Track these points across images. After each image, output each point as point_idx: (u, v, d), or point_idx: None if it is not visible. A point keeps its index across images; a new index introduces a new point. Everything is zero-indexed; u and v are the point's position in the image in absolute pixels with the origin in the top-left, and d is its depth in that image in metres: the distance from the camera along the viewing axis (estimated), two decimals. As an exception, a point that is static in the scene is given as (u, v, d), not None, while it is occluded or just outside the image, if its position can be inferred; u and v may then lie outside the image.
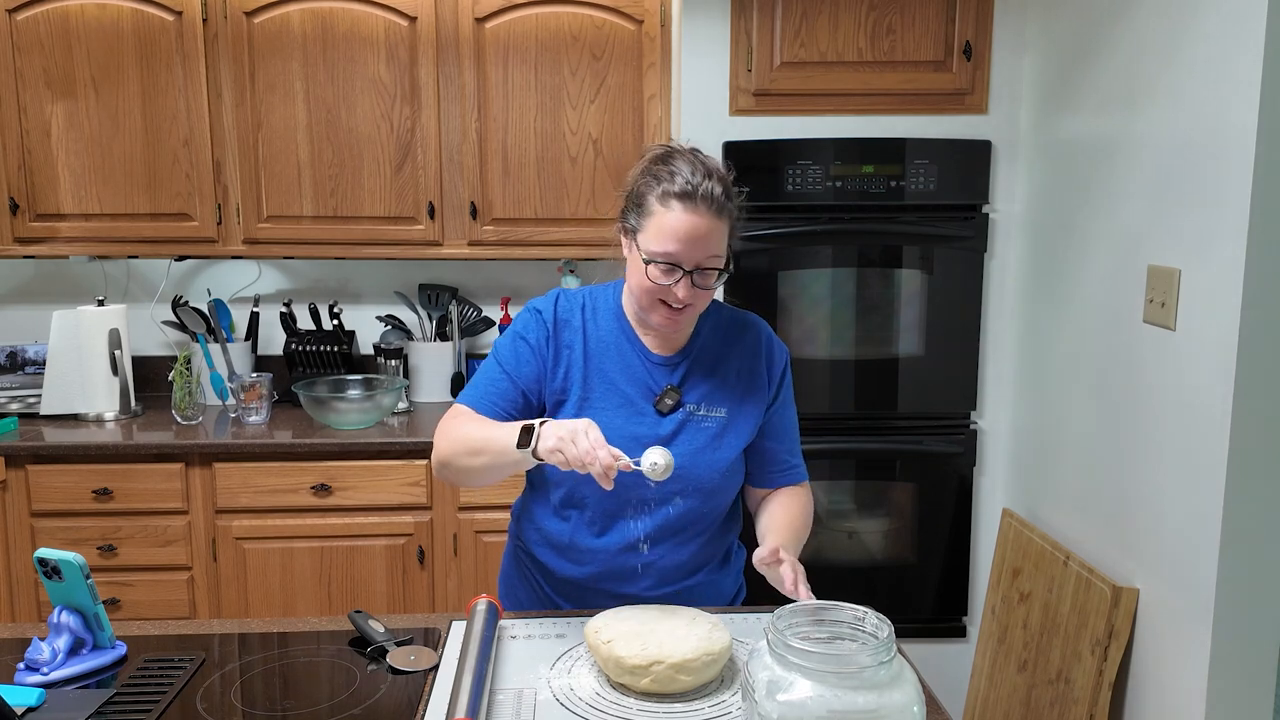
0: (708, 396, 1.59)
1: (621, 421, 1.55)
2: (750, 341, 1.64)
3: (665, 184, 1.46)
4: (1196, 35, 1.85)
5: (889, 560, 2.78)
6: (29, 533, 2.66)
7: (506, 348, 1.61)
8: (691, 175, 1.45)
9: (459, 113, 2.82)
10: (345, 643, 1.48)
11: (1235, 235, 1.73)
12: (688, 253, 1.44)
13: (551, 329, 1.59)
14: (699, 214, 1.44)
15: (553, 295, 1.64)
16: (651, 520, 1.57)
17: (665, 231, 1.44)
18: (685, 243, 1.44)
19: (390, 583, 2.73)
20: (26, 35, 2.72)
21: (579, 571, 1.60)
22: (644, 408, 1.57)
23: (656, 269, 1.46)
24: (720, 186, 1.46)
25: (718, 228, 1.46)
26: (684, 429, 1.57)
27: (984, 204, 2.62)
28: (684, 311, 1.50)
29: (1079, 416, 2.32)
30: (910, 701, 1.07)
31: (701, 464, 1.56)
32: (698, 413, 1.58)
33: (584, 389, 1.57)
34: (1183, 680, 1.91)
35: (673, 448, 1.52)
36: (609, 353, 1.59)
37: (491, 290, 3.21)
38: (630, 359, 1.59)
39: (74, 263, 3.13)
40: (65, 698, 1.31)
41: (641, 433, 1.55)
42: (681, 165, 1.47)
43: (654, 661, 1.28)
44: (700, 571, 1.63)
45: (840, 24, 2.53)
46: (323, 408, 2.80)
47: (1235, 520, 1.78)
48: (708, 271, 1.47)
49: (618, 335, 1.60)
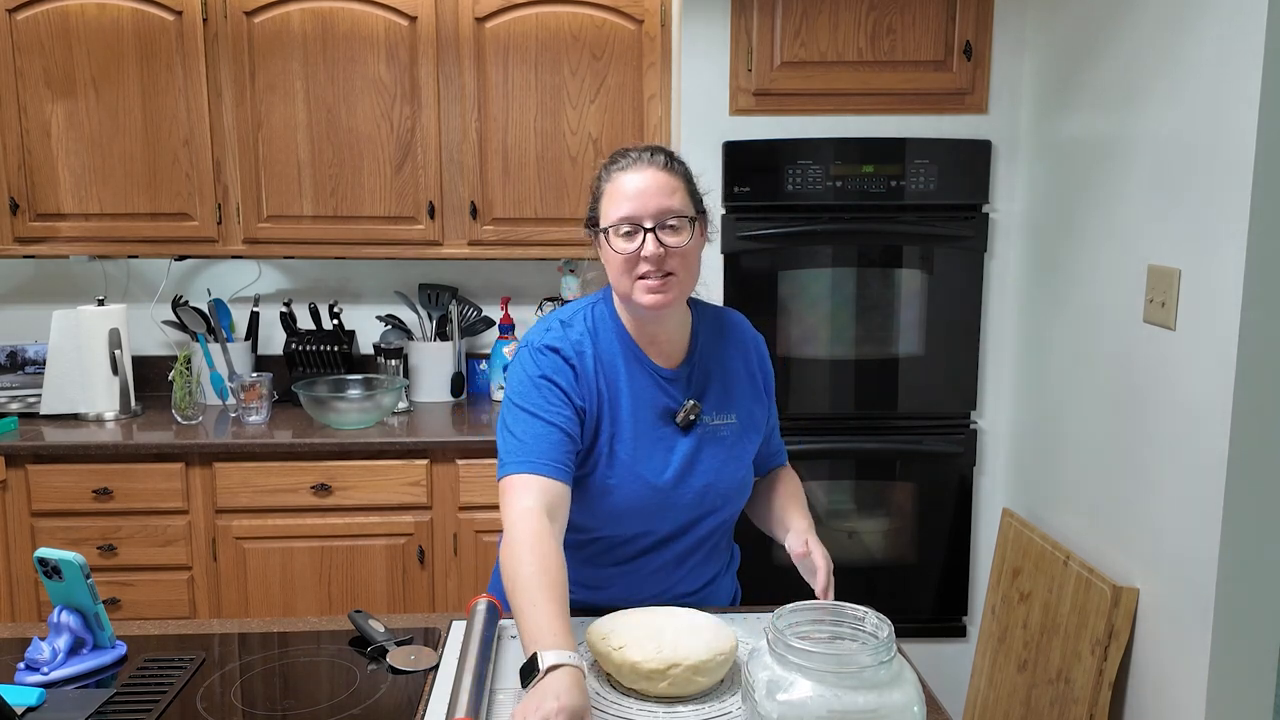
0: (717, 404, 1.56)
1: (646, 447, 1.51)
2: (738, 338, 1.63)
3: (607, 168, 1.50)
4: (1196, 35, 1.85)
5: (889, 560, 2.78)
6: (29, 532, 2.66)
7: (533, 394, 1.47)
8: (629, 152, 1.49)
9: (459, 112, 2.82)
10: (345, 642, 1.48)
11: (1235, 235, 1.73)
12: (641, 207, 1.43)
13: (576, 364, 1.50)
14: (642, 170, 1.45)
15: (555, 329, 1.54)
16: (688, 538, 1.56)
17: (615, 197, 1.46)
18: (636, 199, 1.43)
19: (390, 583, 2.73)
20: (26, 35, 2.72)
21: (597, 597, 1.57)
22: (663, 429, 1.53)
23: (619, 238, 1.44)
24: (662, 153, 1.48)
25: (667, 181, 1.45)
26: (705, 444, 1.54)
27: (984, 204, 2.62)
28: (667, 280, 1.44)
29: (1079, 416, 2.32)
30: (910, 701, 1.07)
31: (728, 477, 1.55)
32: (712, 423, 1.55)
33: (612, 424, 1.51)
34: (1183, 680, 1.91)
35: (699, 464, 1.52)
36: (620, 376, 1.53)
37: (491, 290, 3.21)
38: (640, 379, 1.53)
39: (74, 262, 3.13)
40: (65, 697, 1.31)
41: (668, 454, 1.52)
42: (626, 152, 1.50)
43: (671, 664, 1.26)
44: (714, 581, 1.65)
45: (840, 24, 2.53)
46: (323, 407, 2.80)
47: (1235, 520, 1.78)
48: (672, 226, 1.44)
49: (626, 356, 1.54)
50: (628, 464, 1.50)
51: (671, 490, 1.51)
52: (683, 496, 1.52)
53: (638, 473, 1.50)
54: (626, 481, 1.50)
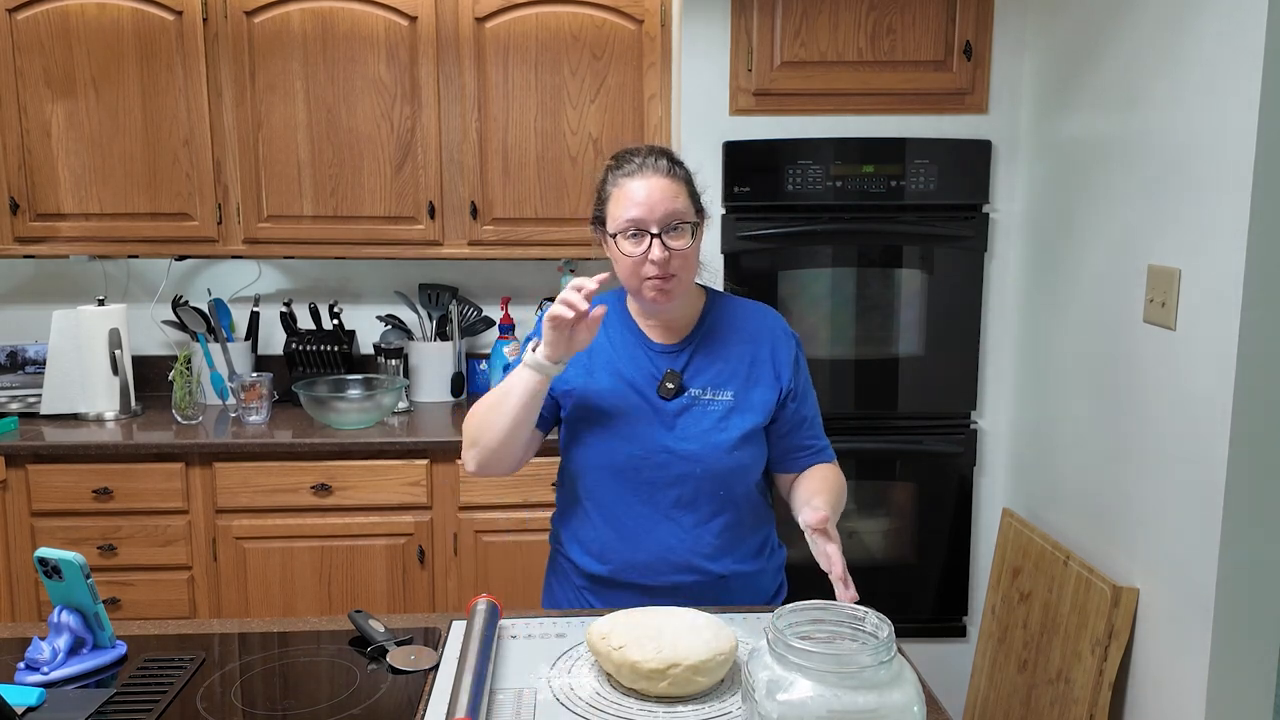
0: (713, 381, 1.64)
1: (626, 404, 1.63)
2: (755, 329, 1.69)
3: (613, 171, 1.60)
4: (1196, 35, 1.85)
5: (889, 560, 2.78)
6: (29, 532, 2.66)
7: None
8: (634, 156, 1.59)
9: (459, 112, 2.82)
10: (345, 642, 1.48)
11: (1235, 235, 1.73)
12: (648, 213, 1.54)
13: None
14: (647, 176, 1.56)
15: None
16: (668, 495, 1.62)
17: (622, 202, 1.56)
18: (642, 205, 1.54)
19: (390, 582, 2.73)
20: (26, 35, 2.72)
21: (603, 568, 1.65)
22: (648, 392, 1.64)
23: (626, 241, 1.55)
24: (665, 158, 1.59)
25: (671, 186, 1.56)
26: (689, 411, 1.63)
27: (984, 204, 2.62)
28: (671, 281, 1.56)
29: (1079, 416, 2.32)
30: (910, 701, 1.07)
31: (710, 444, 1.61)
32: (703, 396, 1.63)
33: (588, 376, 1.65)
34: (1183, 680, 1.91)
35: (679, 429, 1.62)
36: (614, 344, 1.67)
37: (491, 290, 3.21)
38: (634, 349, 1.66)
39: (74, 262, 3.13)
40: (65, 697, 1.31)
41: (646, 413, 1.62)
42: (630, 155, 1.60)
43: (671, 664, 1.26)
44: (727, 558, 1.64)
45: (840, 24, 2.53)
46: (323, 407, 2.80)
47: (1235, 520, 1.79)
48: (676, 231, 1.55)
49: (621, 330, 1.68)
50: (601, 418, 1.63)
51: (645, 442, 1.61)
52: (655, 455, 1.61)
53: (612, 427, 1.63)
54: (603, 433, 1.63)
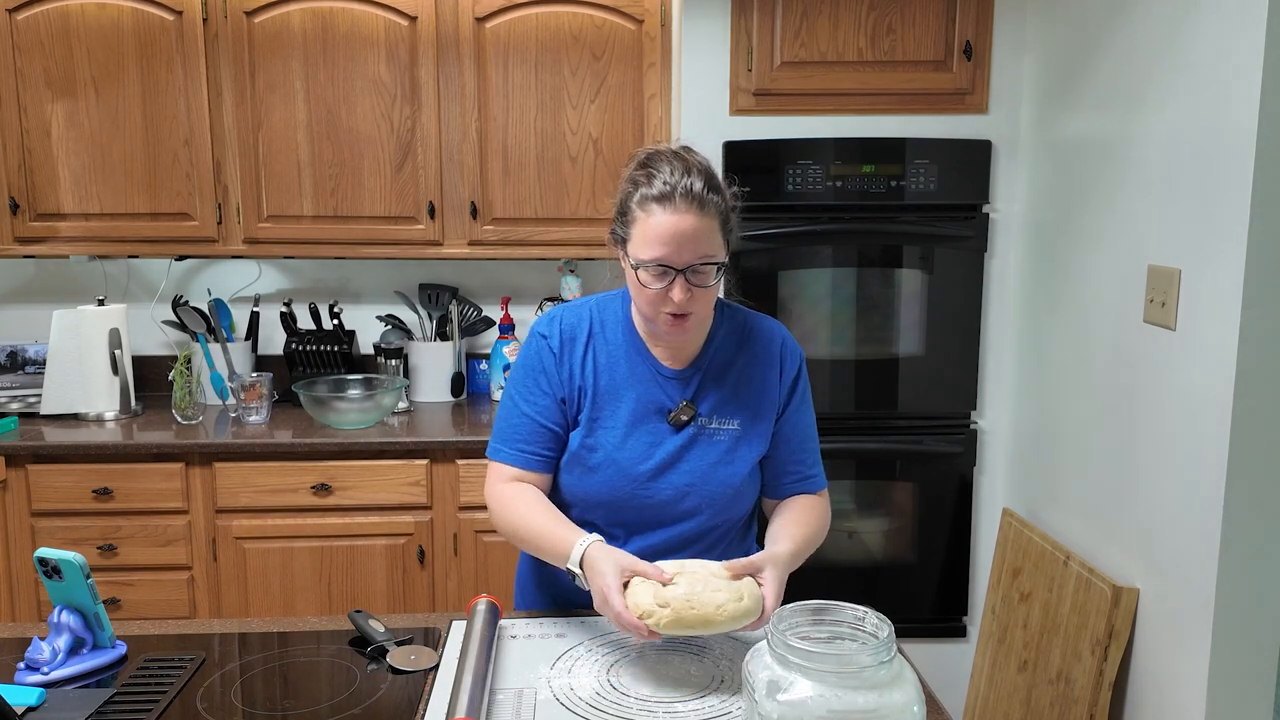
0: (719, 408, 1.55)
1: (633, 438, 1.53)
2: (762, 349, 1.59)
3: (644, 188, 1.44)
4: (1196, 35, 1.85)
5: (889, 560, 2.78)
6: (29, 532, 2.66)
7: (520, 382, 1.58)
8: (670, 175, 1.43)
9: (459, 112, 2.82)
10: (345, 642, 1.48)
11: (1235, 235, 1.73)
12: (675, 254, 1.41)
13: (559, 352, 1.56)
14: (679, 213, 1.41)
15: (556, 313, 1.60)
16: (667, 533, 1.55)
17: (649, 236, 1.42)
18: (670, 244, 1.41)
19: (390, 582, 2.73)
20: (26, 35, 2.72)
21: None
22: (656, 423, 1.54)
23: (648, 274, 1.43)
24: (701, 181, 1.43)
25: (703, 224, 1.42)
26: (696, 443, 1.54)
27: (984, 204, 2.62)
28: (688, 319, 1.46)
29: (1079, 416, 2.32)
30: (910, 701, 1.07)
31: (715, 479, 1.54)
32: (710, 425, 1.54)
33: (593, 409, 1.55)
34: (1183, 680, 1.91)
35: (685, 462, 1.53)
36: (619, 367, 1.55)
37: (491, 290, 3.20)
38: (641, 372, 1.55)
39: (74, 262, 3.13)
40: (65, 697, 1.31)
41: (652, 448, 1.53)
42: (661, 166, 1.44)
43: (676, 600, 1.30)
44: None
45: (840, 24, 2.53)
46: (323, 407, 2.80)
47: (1235, 520, 1.78)
48: (701, 270, 1.43)
49: (628, 349, 1.56)
50: (610, 450, 1.53)
51: (649, 481, 1.53)
52: (660, 491, 1.53)
53: (616, 459, 1.53)
54: (605, 466, 1.54)
